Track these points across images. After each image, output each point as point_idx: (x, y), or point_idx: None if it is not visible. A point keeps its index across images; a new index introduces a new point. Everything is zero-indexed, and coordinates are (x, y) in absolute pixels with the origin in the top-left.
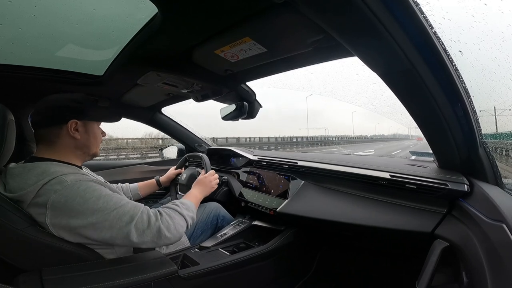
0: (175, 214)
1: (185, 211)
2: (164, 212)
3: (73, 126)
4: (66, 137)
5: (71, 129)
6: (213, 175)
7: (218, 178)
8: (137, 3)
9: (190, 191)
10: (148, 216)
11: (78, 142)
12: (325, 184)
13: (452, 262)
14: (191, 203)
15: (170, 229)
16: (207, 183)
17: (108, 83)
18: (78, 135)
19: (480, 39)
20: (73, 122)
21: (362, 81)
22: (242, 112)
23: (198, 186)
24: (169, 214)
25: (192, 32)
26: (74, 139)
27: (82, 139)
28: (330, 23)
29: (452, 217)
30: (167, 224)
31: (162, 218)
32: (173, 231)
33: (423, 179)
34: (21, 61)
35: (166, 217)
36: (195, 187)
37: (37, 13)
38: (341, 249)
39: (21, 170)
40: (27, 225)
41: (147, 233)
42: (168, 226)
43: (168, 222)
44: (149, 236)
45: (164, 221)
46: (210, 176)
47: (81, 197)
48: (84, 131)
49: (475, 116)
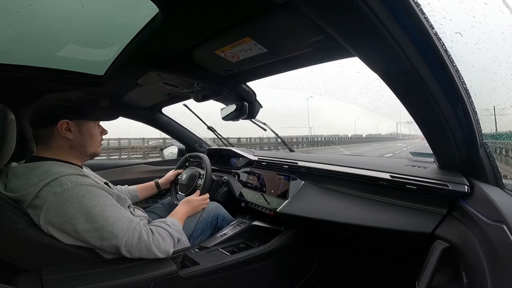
0: (166, 234)
1: (175, 233)
2: (156, 231)
3: (64, 126)
4: (59, 138)
5: (62, 129)
6: (204, 199)
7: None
8: (138, 3)
9: (177, 208)
10: (139, 234)
11: (72, 142)
12: (325, 184)
13: (452, 263)
14: (179, 224)
15: (160, 248)
16: (195, 206)
17: (108, 83)
18: (70, 135)
19: (481, 39)
20: (63, 122)
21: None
22: (243, 112)
23: (185, 205)
24: (160, 234)
25: (192, 32)
26: (68, 140)
27: (75, 139)
28: (330, 23)
29: (452, 218)
30: (158, 244)
31: (154, 237)
32: (162, 250)
33: (423, 180)
34: (22, 60)
35: (158, 237)
36: (183, 205)
37: (38, 13)
38: (341, 249)
39: (24, 170)
40: (27, 225)
41: (135, 250)
42: (158, 246)
43: (159, 241)
44: (138, 253)
45: (155, 240)
46: (200, 200)
47: (78, 202)
48: (78, 131)
49: (476, 116)
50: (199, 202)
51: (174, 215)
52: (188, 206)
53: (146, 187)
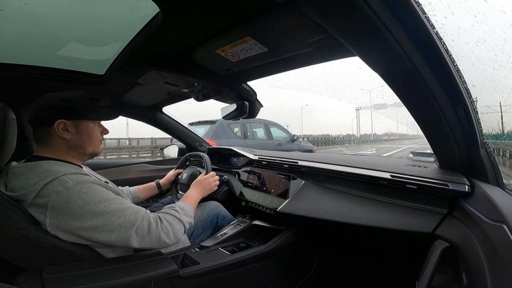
0: (175, 220)
1: (184, 217)
2: (165, 218)
3: (60, 126)
4: (57, 137)
5: (58, 129)
6: (213, 176)
7: (219, 178)
8: (139, 2)
9: (188, 191)
10: (148, 222)
11: (70, 142)
12: (326, 184)
13: (452, 263)
14: (189, 207)
15: (169, 236)
16: (206, 185)
17: (109, 82)
18: (68, 135)
19: (482, 39)
20: (60, 122)
21: (364, 80)
22: (243, 112)
23: (197, 187)
24: (169, 220)
25: (193, 32)
26: (65, 140)
27: (73, 139)
28: (331, 23)
29: (453, 218)
30: (167, 230)
31: (162, 225)
32: (171, 237)
33: (424, 179)
34: (23, 60)
35: (166, 224)
36: (194, 188)
37: (38, 12)
38: (341, 249)
39: (24, 169)
40: (28, 224)
41: (146, 239)
42: (167, 233)
43: (168, 228)
44: (148, 242)
45: (164, 228)
46: (210, 178)
47: (82, 200)
48: (75, 131)
49: (477, 116)
50: (208, 180)
51: (185, 199)
52: (200, 187)
53: (147, 188)
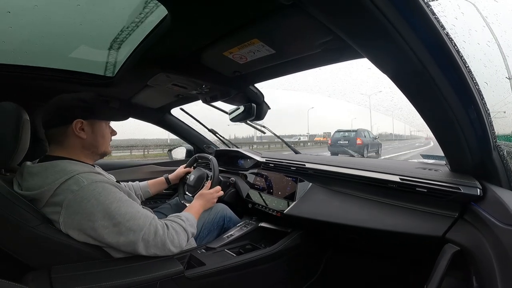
0: (180, 229)
1: (189, 227)
2: (171, 226)
3: (78, 125)
4: (73, 137)
5: (76, 129)
6: (218, 191)
7: (223, 187)
8: (148, 5)
9: (192, 203)
10: (155, 229)
11: (85, 141)
12: (333, 186)
13: (462, 267)
14: (193, 218)
15: (174, 243)
16: (209, 199)
17: (119, 84)
18: (84, 135)
19: (494, 40)
20: (78, 121)
21: (372, 83)
22: (250, 114)
23: (200, 199)
24: (175, 228)
25: (201, 34)
26: (81, 139)
27: (88, 138)
28: (338, 24)
29: (464, 221)
30: (172, 238)
31: (169, 231)
32: (176, 245)
33: (434, 183)
34: (36, 62)
35: (172, 231)
36: (197, 200)
37: (51, 15)
38: (348, 252)
39: (40, 168)
40: (39, 223)
41: (152, 245)
42: (172, 240)
43: (173, 236)
44: (154, 248)
45: (170, 235)
46: (214, 192)
47: (95, 199)
48: (91, 131)
49: (489, 118)
50: (212, 194)
51: (189, 210)
52: (202, 200)
53: (157, 183)
